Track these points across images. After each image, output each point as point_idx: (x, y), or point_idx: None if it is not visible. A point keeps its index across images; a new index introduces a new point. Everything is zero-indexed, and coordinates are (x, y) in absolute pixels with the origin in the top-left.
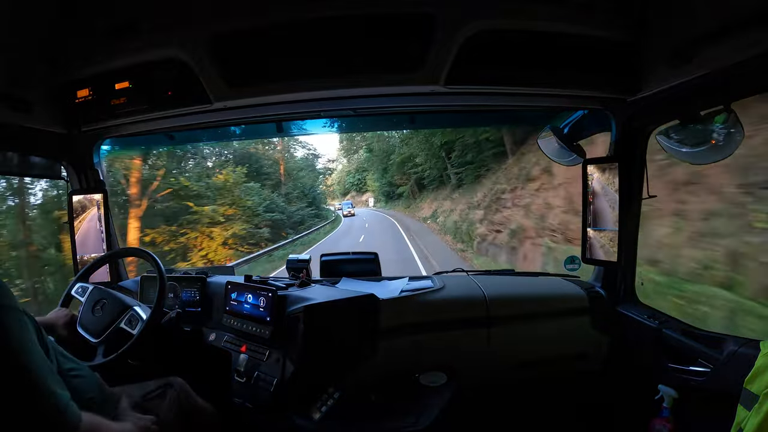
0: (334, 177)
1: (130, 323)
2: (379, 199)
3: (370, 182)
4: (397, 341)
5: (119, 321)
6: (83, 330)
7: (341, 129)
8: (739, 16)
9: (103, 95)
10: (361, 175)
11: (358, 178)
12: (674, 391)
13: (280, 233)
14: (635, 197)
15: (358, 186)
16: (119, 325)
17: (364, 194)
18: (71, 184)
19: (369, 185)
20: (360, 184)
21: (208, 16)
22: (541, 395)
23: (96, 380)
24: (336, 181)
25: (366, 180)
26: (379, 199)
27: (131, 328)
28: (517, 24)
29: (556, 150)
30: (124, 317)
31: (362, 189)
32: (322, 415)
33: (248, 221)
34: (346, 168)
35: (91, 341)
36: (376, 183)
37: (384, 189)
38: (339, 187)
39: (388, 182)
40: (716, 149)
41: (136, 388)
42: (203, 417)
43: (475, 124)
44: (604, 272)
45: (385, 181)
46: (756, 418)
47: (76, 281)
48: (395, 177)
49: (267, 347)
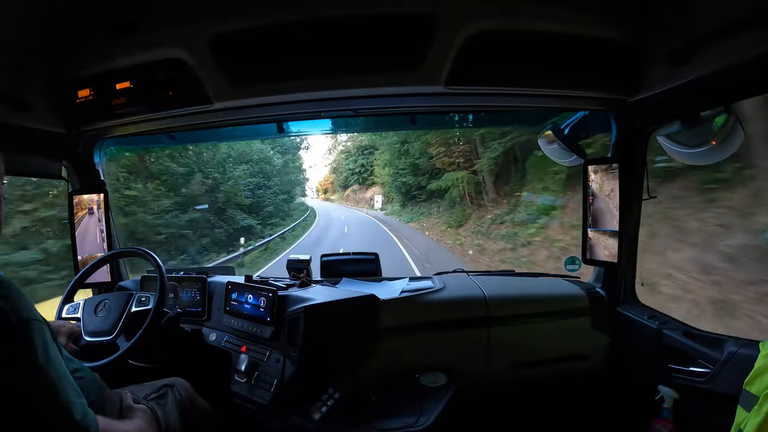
0: (340, 163)
1: (140, 303)
2: (393, 198)
3: (379, 170)
4: (398, 341)
5: (128, 308)
6: (92, 336)
7: (342, 129)
8: (739, 16)
9: (103, 95)
10: (367, 159)
11: (361, 164)
12: (674, 392)
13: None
14: (635, 198)
15: (361, 175)
16: (131, 311)
17: (369, 189)
18: (71, 184)
19: (377, 175)
20: (364, 172)
21: (208, 16)
22: (541, 395)
23: (96, 381)
24: (336, 168)
25: (373, 166)
26: (391, 197)
27: (145, 306)
28: (518, 25)
29: (556, 150)
30: (132, 303)
31: (367, 180)
32: (322, 415)
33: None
34: (345, 150)
35: (107, 340)
36: (388, 171)
37: (402, 182)
38: (339, 177)
39: (410, 167)
40: (717, 149)
41: (138, 389)
42: (205, 417)
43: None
44: (605, 273)
45: (406, 164)
46: (756, 419)
47: (72, 290)
48: (429, 158)
49: (267, 347)
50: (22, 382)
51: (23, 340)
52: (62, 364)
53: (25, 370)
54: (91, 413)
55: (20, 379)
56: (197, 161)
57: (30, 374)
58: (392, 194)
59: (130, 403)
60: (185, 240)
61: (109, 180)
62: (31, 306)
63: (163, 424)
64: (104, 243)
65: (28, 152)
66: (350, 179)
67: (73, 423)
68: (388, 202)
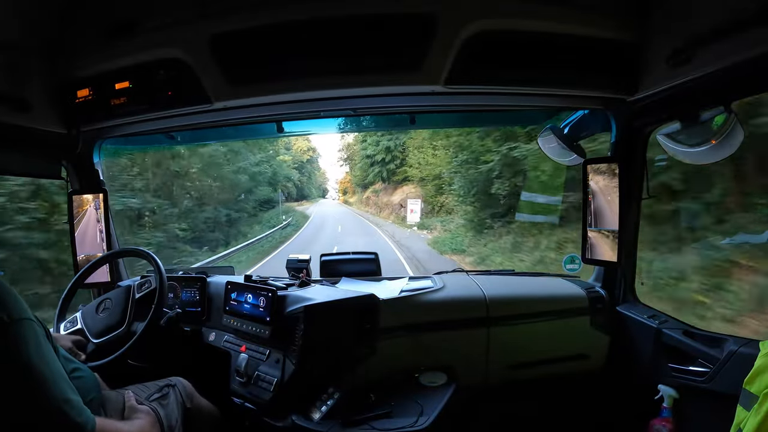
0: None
1: (142, 288)
2: (455, 209)
3: (415, 159)
4: (397, 341)
5: (132, 296)
6: (100, 337)
7: (341, 129)
8: (739, 16)
9: (103, 95)
10: (395, 141)
11: (385, 148)
12: (674, 391)
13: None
14: (635, 197)
15: (385, 166)
16: (135, 297)
17: (397, 189)
18: (71, 184)
19: (410, 167)
20: (389, 162)
21: (208, 16)
22: (540, 395)
23: (96, 381)
24: (350, 158)
25: (406, 151)
26: (437, 206)
27: (150, 287)
28: (517, 24)
29: (556, 150)
30: (134, 291)
31: (395, 175)
32: (322, 415)
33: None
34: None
35: (120, 332)
36: (443, 157)
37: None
38: (355, 172)
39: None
40: (716, 149)
41: (140, 389)
42: (206, 416)
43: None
44: (604, 272)
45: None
46: (755, 419)
47: (71, 290)
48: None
49: (267, 347)
50: (14, 379)
51: (14, 338)
52: (57, 362)
53: (17, 368)
54: (88, 411)
55: (13, 376)
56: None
57: (22, 371)
58: (458, 200)
59: (134, 403)
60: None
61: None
62: (23, 306)
63: (165, 425)
64: (104, 243)
65: (27, 152)
66: (370, 174)
67: (68, 420)
68: (433, 213)
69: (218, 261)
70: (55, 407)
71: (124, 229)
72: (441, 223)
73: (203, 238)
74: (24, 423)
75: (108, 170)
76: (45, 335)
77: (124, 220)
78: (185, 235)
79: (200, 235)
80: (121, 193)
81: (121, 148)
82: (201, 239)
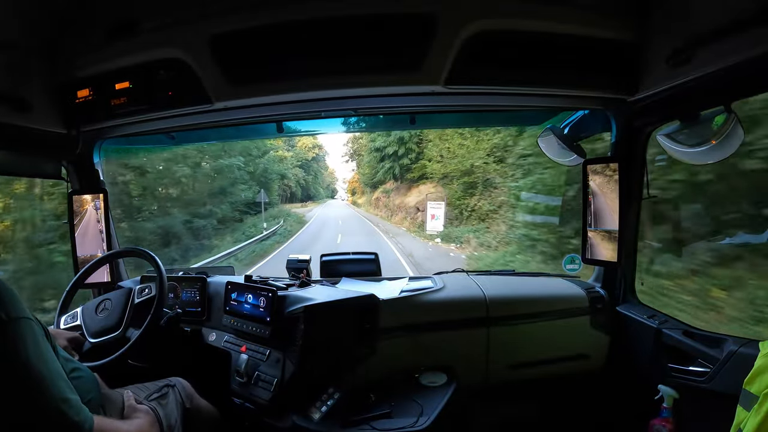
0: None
1: (142, 293)
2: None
3: (434, 150)
4: (397, 341)
5: (131, 300)
6: (97, 336)
7: (341, 129)
8: (739, 16)
9: (103, 95)
10: (410, 132)
11: (398, 139)
12: (674, 391)
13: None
14: (635, 197)
15: (397, 161)
16: (134, 302)
17: (413, 189)
18: (71, 184)
19: (429, 160)
20: (403, 156)
21: (208, 16)
22: (541, 395)
23: (95, 380)
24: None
25: (425, 146)
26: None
27: (149, 293)
28: (517, 24)
29: (556, 150)
30: (134, 295)
31: (411, 172)
32: (322, 415)
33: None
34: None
35: (115, 335)
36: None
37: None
38: (363, 169)
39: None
40: (716, 149)
41: (140, 389)
42: (205, 417)
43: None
44: (604, 272)
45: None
46: (755, 419)
47: (71, 291)
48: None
49: (267, 347)
50: (12, 378)
51: (13, 337)
52: (56, 361)
53: (15, 367)
54: (86, 410)
55: (11, 376)
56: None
57: (20, 370)
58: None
59: (133, 403)
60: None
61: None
62: (22, 306)
63: (164, 425)
64: (104, 243)
65: (27, 152)
66: (379, 170)
67: (66, 419)
68: (460, 220)
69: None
70: (53, 406)
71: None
72: (473, 233)
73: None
74: (22, 422)
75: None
76: (44, 335)
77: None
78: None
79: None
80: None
81: (121, 148)
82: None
